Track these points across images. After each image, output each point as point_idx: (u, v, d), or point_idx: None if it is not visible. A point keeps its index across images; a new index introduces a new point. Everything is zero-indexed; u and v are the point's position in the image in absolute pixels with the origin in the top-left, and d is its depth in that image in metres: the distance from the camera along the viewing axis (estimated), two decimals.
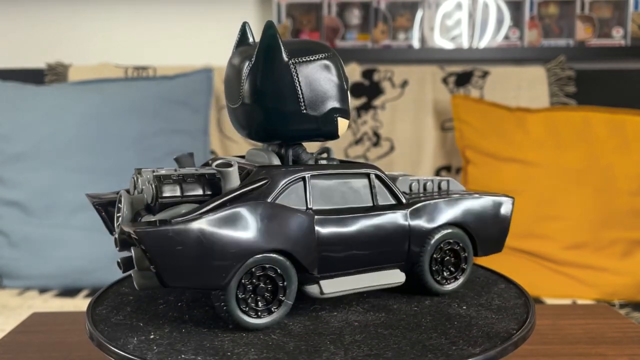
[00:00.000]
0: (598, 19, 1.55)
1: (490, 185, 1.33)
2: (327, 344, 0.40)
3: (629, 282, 1.24)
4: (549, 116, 1.34)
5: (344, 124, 0.46)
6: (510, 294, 0.50)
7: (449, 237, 0.49)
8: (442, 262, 0.49)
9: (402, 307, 0.47)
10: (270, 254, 0.41)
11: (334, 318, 0.45)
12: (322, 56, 0.44)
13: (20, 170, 1.30)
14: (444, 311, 0.46)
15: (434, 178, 0.53)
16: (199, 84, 1.42)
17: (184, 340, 0.41)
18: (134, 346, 0.40)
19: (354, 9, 1.57)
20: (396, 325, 0.43)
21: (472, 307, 0.47)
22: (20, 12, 1.60)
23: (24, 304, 1.17)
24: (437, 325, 0.43)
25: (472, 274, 0.54)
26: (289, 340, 0.41)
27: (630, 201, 1.26)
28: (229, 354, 0.39)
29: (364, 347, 0.39)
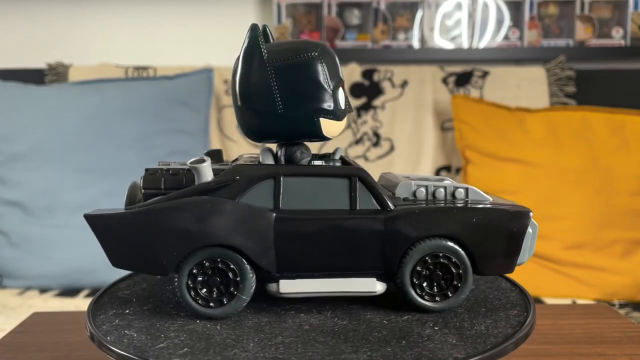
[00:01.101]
0: (598, 19, 1.55)
1: (490, 186, 1.33)
2: (248, 340, 0.40)
3: (628, 282, 1.24)
4: (549, 116, 1.34)
5: (330, 125, 0.44)
6: (510, 294, 0.50)
7: (435, 249, 0.44)
8: (429, 276, 0.45)
9: (374, 318, 0.44)
10: (222, 249, 0.43)
11: (293, 318, 0.44)
12: (304, 56, 0.44)
13: (20, 170, 1.30)
14: (408, 329, 0.42)
15: (449, 185, 0.47)
16: (199, 84, 1.42)
17: (184, 339, 0.41)
18: (135, 346, 0.40)
19: (354, 9, 1.57)
20: (340, 334, 0.41)
21: (446, 332, 0.42)
22: (20, 12, 1.60)
23: (24, 304, 1.17)
24: (383, 342, 0.40)
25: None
26: (221, 331, 0.42)
27: (630, 201, 1.26)
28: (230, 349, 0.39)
29: (279, 348, 0.39)
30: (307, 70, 0.44)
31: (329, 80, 0.44)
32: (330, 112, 0.44)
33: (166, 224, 0.42)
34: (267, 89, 0.43)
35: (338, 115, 0.45)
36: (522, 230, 0.45)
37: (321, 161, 0.46)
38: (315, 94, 0.44)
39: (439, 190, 0.47)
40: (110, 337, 0.41)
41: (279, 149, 0.47)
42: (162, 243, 0.43)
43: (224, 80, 1.47)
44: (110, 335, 0.41)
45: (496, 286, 0.52)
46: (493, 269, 0.46)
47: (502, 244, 0.45)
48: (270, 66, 0.43)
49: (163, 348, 0.40)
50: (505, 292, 0.50)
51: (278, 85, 0.43)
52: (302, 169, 0.45)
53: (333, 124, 0.45)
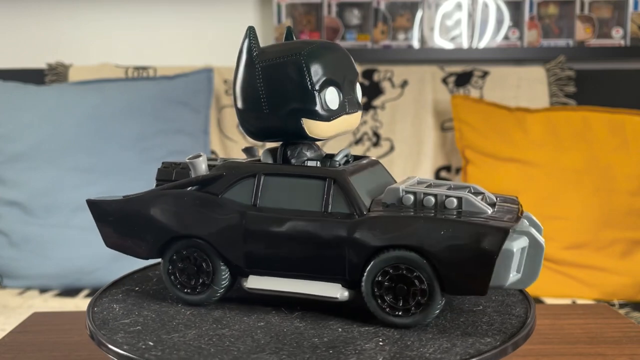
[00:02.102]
0: (598, 19, 1.55)
1: (490, 186, 1.32)
2: (198, 328, 0.42)
3: (628, 282, 1.24)
4: (549, 116, 1.34)
5: (314, 125, 0.44)
6: (510, 294, 0.50)
7: (396, 260, 0.41)
8: (393, 288, 0.42)
9: (334, 325, 0.43)
10: (195, 239, 0.46)
11: (258, 314, 0.45)
12: (288, 57, 0.44)
13: (20, 170, 1.30)
14: (350, 340, 0.41)
15: (440, 193, 0.43)
16: (199, 84, 1.42)
17: (184, 339, 0.41)
18: (135, 345, 0.40)
19: (354, 9, 1.57)
20: (284, 336, 0.41)
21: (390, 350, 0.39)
22: (20, 12, 1.60)
23: (24, 304, 1.17)
24: (310, 349, 0.39)
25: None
26: (173, 318, 0.44)
27: (630, 201, 1.26)
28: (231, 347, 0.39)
29: (213, 339, 0.41)
30: (288, 70, 0.44)
31: (311, 80, 0.43)
32: (313, 113, 0.44)
33: (145, 213, 0.47)
34: (255, 89, 0.45)
35: (323, 115, 0.44)
36: (493, 249, 0.39)
37: (315, 162, 0.46)
38: (296, 94, 0.44)
39: (428, 198, 0.43)
40: (110, 336, 0.41)
41: (280, 148, 0.47)
42: (142, 230, 0.47)
43: (224, 80, 1.47)
44: (110, 335, 0.42)
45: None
46: (461, 289, 0.41)
47: (471, 263, 0.40)
48: (258, 67, 0.45)
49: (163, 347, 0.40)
50: (505, 292, 0.50)
51: (264, 85, 0.44)
52: (282, 169, 0.46)
53: (318, 124, 0.44)
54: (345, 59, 0.47)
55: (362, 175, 0.46)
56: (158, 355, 0.38)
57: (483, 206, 0.43)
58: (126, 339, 0.41)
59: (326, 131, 0.45)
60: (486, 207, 0.43)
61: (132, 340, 0.41)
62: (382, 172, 0.49)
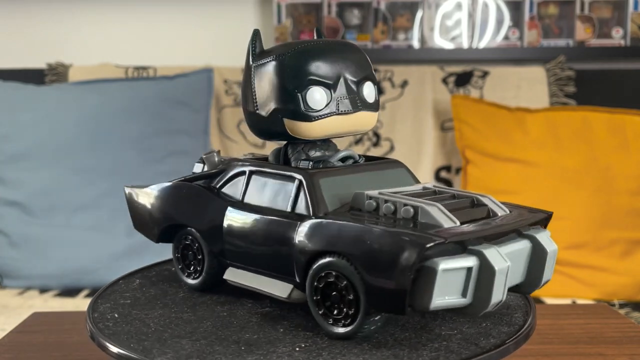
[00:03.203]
0: (598, 19, 1.55)
1: (490, 186, 1.33)
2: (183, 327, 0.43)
3: (628, 282, 1.24)
4: (549, 116, 1.34)
5: (296, 125, 0.44)
6: (510, 294, 0.50)
7: (329, 267, 0.40)
8: (329, 296, 0.40)
9: (276, 325, 0.43)
10: (189, 228, 0.50)
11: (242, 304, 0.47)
12: (276, 57, 0.44)
13: (20, 170, 1.30)
14: (267, 340, 0.41)
15: (400, 201, 0.40)
16: (199, 84, 1.42)
17: (184, 339, 0.41)
18: (135, 346, 0.40)
19: (354, 9, 1.57)
20: (213, 329, 0.42)
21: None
22: (20, 12, 1.60)
23: (24, 304, 1.17)
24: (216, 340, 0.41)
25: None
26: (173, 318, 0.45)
27: (630, 201, 1.26)
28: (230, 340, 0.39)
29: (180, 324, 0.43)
30: (272, 70, 0.44)
31: (290, 80, 0.44)
32: (293, 113, 0.44)
33: (155, 202, 0.52)
34: (250, 90, 0.46)
35: (304, 115, 0.44)
36: (407, 264, 0.35)
37: (309, 162, 0.46)
38: (277, 94, 0.44)
39: (387, 205, 0.40)
40: (111, 337, 0.41)
41: (282, 148, 0.48)
42: (152, 216, 0.52)
43: (224, 80, 1.47)
44: (110, 335, 0.42)
45: None
46: (381, 305, 0.38)
47: (389, 277, 0.36)
48: (253, 67, 0.46)
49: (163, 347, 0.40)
50: None
51: (255, 85, 0.45)
52: (267, 167, 0.46)
53: (299, 124, 0.44)
54: (348, 58, 0.45)
55: (339, 178, 0.44)
56: (158, 355, 0.38)
57: (443, 218, 0.38)
58: (126, 339, 0.41)
59: (311, 131, 0.44)
60: (447, 220, 0.38)
61: (132, 340, 0.41)
62: (397, 176, 0.47)
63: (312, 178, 0.43)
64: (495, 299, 0.37)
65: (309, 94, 0.44)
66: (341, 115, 0.45)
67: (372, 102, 0.46)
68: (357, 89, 0.45)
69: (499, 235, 0.40)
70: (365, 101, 0.46)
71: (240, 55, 1.66)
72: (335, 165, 0.46)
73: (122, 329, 0.43)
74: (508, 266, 0.37)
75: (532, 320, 0.44)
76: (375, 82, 0.47)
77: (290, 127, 0.44)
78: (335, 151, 0.48)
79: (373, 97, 0.46)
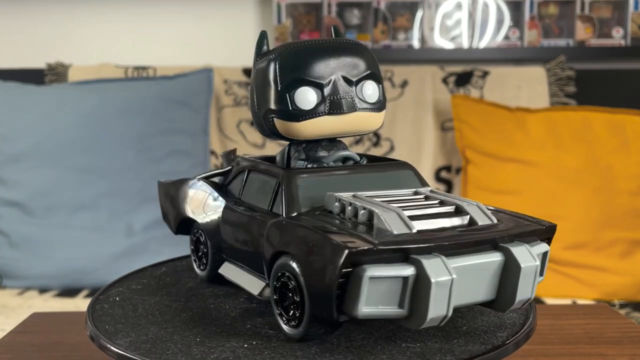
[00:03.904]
0: (598, 19, 1.55)
1: (490, 186, 1.33)
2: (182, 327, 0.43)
3: (629, 282, 1.24)
4: (549, 116, 1.34)
5: (284, 125, 0.44)
6: None
7: (282, 267, 0.40)
8: (285, 296, 0.40)
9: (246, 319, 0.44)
10: (196, 222, 0.52)
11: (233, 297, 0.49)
12: (270, 58, 0.45)
13: (20, 170, 1.30)
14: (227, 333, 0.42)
15: (360, 205, 0.39)
16: (199, 84, 1.42)
17: (184, 338, 0.41)
18: (135, 346, 0.40)
19: (354, 9, 1.57)
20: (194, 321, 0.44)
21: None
22: (20, 12, 1.60)
23: (24, 304, 1.17)
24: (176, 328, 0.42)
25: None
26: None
27: (630, 201, 1.26)
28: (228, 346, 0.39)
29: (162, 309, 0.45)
30: (265, 71, 0.45)
31: (278, 79, 0.44)
32: (281, 113, 0.44)
33: (173, 196, 0.55)
34: (252, 90, 0.47)
35: (292, 115, 0.44)
36: (333, 269, 0.34)
37: (304, 162, 0.46)
38: (266, 94, 0.44)
39: (349, 209, 0.40)
40: (110, 337, 0.41)
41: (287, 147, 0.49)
42: (170, 210, 0.56)
43: (224, 80, 1.47)
44: (110, 335, 0.41)
45: None
46: (316, 308, 0.37)
47: (319, 281, 0.36)
48: (255, 68, 0.46)
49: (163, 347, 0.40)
50: None
51: (255, 86, 0.46)
52: (260, 167, 0.47)
53: (288, 124, 0.44)
54: (346, 58, 0.45)
55: (322, 178, 0.43)
56: (158, 355, 0.38)
57: (395, 224, 0.37)
58: (126, 339, 0.41)
59: (301, 131, 0.44)
60: (401, 227, 0.37)
61: (131, 340, 0.41)
62: (398, 178, 0.46)
63: (289, 177, 0.43)
64: (434, 313, 0.35)
65: (297, 93, 0.43)
66: (333, 115, 0.44)
67: (374, 102, 0.45)
68: (355, 88, 0.44)
69: (461, 246, 0.37)
70: (365, 101, 0.45)
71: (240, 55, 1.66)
72: (329, 165, 0.45)
73: (121, 330, 0.43)
74: (451, 279, 0.35)
75: (532, 321, 0.44)
76: (379, 81, 0.46)
77: (280, 127, 0.45)
78: (332, 151, 0.47)
79: (376, 97, 0.45)
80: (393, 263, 0.35)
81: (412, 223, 0.37)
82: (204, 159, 1.41)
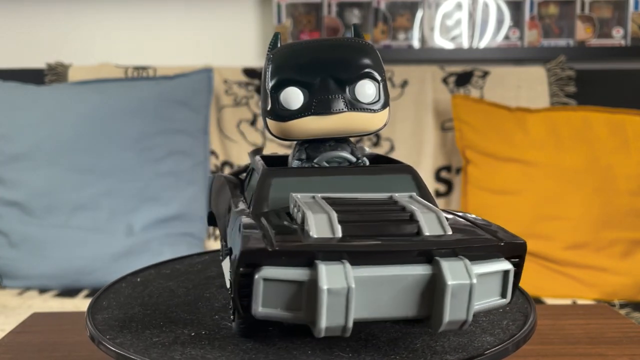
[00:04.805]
0: (598, 19, 1.55)
1: (491, 186, 1.33)
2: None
3: (629, 282, 1.24)
4: (549, 116, 1.34)
5: (272, 125, 0.44)
6: None
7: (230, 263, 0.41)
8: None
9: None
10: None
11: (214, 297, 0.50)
12: (267, 58, 0.45)
13: (20, 170, 1.30)
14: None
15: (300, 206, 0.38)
16: (199, 84, 1.42)
17: (184, 339, 0.41)
18: (135, 346, 0.40)
19: (354, 9, 1.57)
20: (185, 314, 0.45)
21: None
22: (20, 12, 1.60)
23: (24, 304, 1.17)
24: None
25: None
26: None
27: (630, 201, 1.26)
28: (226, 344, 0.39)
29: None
30: (262, 72, 0.46)
31: (268, 79, 0.44)
32: (270, 113, 0.44)
33: (209, 189, 0.57)
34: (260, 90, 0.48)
35: (279, 115, 0.44)
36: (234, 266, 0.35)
37: (301, 162, 0.46)
38: (263, 94, 0.45)
39: (295, 210, 0.39)
40: (110, 337, 0.41)
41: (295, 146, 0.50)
42: (207, 202, 0.57)
43: (224, 80, 1.47)
44: (109, 335, 0.41)
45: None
46: (234, 305, 0.39)
47: (232, 280, 0.37)
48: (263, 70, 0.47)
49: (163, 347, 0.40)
50: None
51: (261, 86, 0.46)
52: (257, 165, 0.47)
53: (277, 124, 0.44)
54: (338, 57, 0.44)
55: (302, 179, 0.43)
56: (158, 355, 0.38)
57: (320, 228, 0.36)
58: (126, 339, 0.41)
59: (289, 132, 0.44)
60: (325, 231, 0.36)
61: (132, 340, 0.41)
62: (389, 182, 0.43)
63: (264, 176, 0.42)
64: (330, 322, 0.34)
65: (283, 93, 0.43)
66: (319, 115, 0.43)
67: (369, 102, 0.43)
68: (347, 88, 0.43)
69: (378, 255, 0.35)
70: (357, 101, 0.43)
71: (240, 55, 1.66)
72: (322, 166, 0.45)
73: (121, 329, 0.43)
74: (347, 288, 0.33)
75: (532, 321, 0.44)
76: (377, 80, 0.44)
77: (272, 127, 0.45)
78: (336, 151, 0.46)
79: (372, 97, 0.44)
80: (295, 266, 0.34)
81: (338, 228, 0.35)
82: (204, 159, 1.41)
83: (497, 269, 0.37)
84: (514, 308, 0.46)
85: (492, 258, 0.37)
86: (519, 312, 0.45)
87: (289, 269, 0.34)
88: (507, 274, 0.37)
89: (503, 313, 0.45)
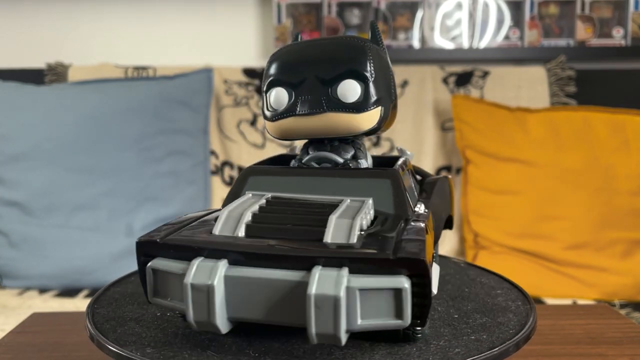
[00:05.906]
0: (598, 19, 1.55)
1: (491, 186, 1.33)
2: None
3: (629, 282, 1.24)
4: (549, 116, 1.34)
5: (266, 125, 0.45)
6: (511, 295, 0.50)
7: None
8: None
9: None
10: None
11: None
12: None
13: (20, 170, 1.30)
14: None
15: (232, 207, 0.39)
16: (199, 84, 1.42)
17: (184, 339, 0.41)
18: (135, 346, 0.40)
19: (354, 8, 1.57)
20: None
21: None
22: (20, 12, 1.60)
23: (24, 304, 1.17)
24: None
25: (477, 276, 0.54)
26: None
27: (630, 201, 1.26)
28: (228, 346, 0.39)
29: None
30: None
31: (263, 81, 0.45)
32: (263, 113, 0.45)
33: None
34: None
35: (268, 115, 0.44)
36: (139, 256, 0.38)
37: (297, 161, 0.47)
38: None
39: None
40: (110, 337, 0.41)
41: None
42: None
43: (224, 80, 1.47)
44: (109, 336, 0.41)
45: (496, 287, 0.52)
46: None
47: None
48: None
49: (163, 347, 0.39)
50: (506, 293, 0.50)
51: None
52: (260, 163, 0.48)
53: (267, 124, 0.45)
54: (321, 56, 0.43)
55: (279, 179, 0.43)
56: (158, 355, 0.38)
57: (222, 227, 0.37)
58: (126, 339, 0.41)
59: (276, 132, 0.45)
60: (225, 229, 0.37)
61: (132, 340, 0.41)
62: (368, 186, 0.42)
63: (243, 174, 0.44)
64: (196, 316, 0.34)
65: (270, 94, 0.44)
66: (300, 116, 0.42)
67: (350, 103, 0.42)
68: (329, 88, 0.42)
69: (260, 257, 0.35)
70: (338, 101, 0.42)
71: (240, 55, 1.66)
72: (310, 166, 0.45)
73: (121, 330, 0.43)
74: (209, 286, 0.33)
75: (533, 322, 0.44)
76: (362, 79, 0.42)
77: (266, 126, 0.46)
78: (351, 152, 0.46)
79: (355, 97, 0.42)
80: (182, 260, 0.36)
81: (242, 228, 0.37)
82: (204, 159, 1.41)
83: (386, 286, 0.33)
84: (514, 308, 0.46)
85: (385, 274, 0.33)
86: (520, 313, 0.45)
87: (173, 262, 0.36)
88: (401, 292, 0.33)
89: (503, 313, 0.45)
